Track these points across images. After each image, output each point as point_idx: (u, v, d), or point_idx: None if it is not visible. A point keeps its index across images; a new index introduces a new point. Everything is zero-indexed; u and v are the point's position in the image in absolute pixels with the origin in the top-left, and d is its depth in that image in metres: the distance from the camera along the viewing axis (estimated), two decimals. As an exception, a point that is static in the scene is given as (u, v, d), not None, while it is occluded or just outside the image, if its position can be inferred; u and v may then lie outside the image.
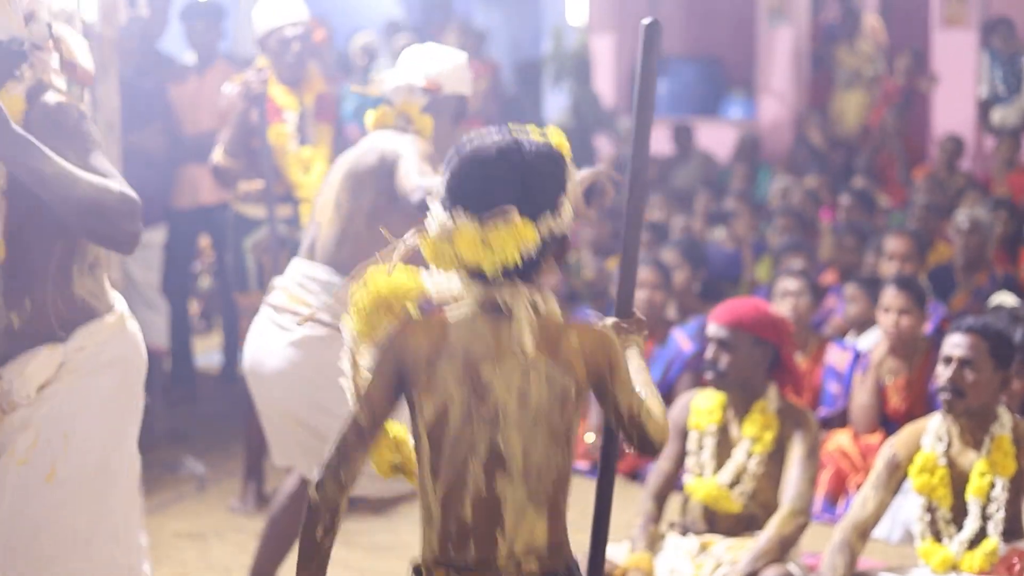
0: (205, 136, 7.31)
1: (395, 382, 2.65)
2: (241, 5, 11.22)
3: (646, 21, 2.98)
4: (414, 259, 2.69)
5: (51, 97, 3.30)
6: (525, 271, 2.60)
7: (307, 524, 2.64)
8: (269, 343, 4.42)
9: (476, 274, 2.60)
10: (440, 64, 4.47)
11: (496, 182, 2.57)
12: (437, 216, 2.60)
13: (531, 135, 2.64)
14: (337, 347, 4.22)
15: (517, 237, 2.55)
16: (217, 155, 5.83)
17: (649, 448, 2.70)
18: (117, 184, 3.24)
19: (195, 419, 7.52)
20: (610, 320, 2.94)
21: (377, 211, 4.29)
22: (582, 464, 6.28)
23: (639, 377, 2.78)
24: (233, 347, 8.07)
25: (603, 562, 3.04)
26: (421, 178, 4.09)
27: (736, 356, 4.76)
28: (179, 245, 7.61)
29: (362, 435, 2.65)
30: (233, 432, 6.72)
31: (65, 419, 3.35)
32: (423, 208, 3.43)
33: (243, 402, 5.81)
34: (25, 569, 3.32)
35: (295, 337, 4.35)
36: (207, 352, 8.88)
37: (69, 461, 3.35)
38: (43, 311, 3.34)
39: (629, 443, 2.72)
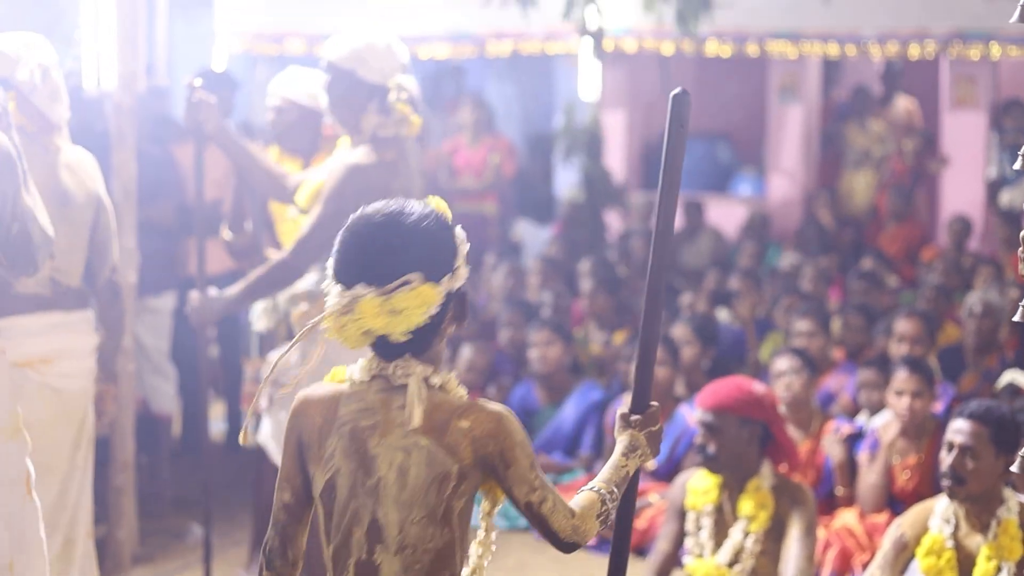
0: (207, 206, 7.32)
1: (300, 456, 2.75)
2: (256, 76, 11.33)
3: (675, 91, 2.91)
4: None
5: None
6: (424, 341, 2.65)
7: None
8: None
9: (378, 346, 2.67)
10: None
11: (390, 250, 2.61)
12: (335, 294, 2.64)
13: (410, 203, 2.68)
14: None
15: (421, 300, 2.60)
16: (224, 232, 5.84)
17: (556, 541, 2.69)
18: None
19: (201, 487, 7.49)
20: (620, 411, 2.94)
21: None
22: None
23: (608, 475, 2.77)
24: (236, 414, 8.07)
25: None
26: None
27: (724, 439, 4.78)
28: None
29: (292, 512, 2.77)
30: (239, 501, 6.71)
31: None
32: None
33: (250, 470, 5.81)
34: None
35: None
36: (212, 421, 8.87)
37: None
38: None
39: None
